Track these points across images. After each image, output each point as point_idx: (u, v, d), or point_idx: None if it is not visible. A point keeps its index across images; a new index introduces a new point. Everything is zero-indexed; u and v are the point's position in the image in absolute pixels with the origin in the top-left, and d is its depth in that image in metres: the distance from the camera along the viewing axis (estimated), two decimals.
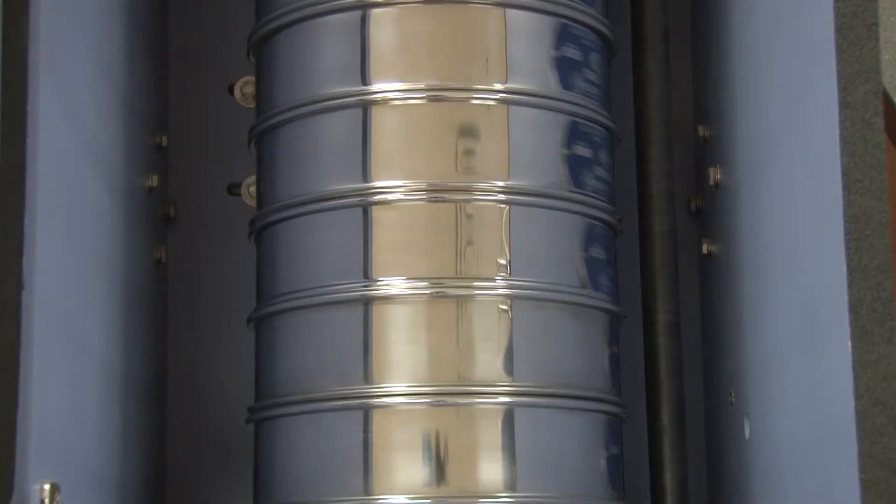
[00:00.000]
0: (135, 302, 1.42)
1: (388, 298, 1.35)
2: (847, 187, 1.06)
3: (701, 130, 1.57)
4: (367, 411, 1.34)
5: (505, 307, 1.36)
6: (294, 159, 1.42)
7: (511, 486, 1.33)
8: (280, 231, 1.42)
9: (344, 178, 1.38)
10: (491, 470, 1.33)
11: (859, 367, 1.04)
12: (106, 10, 1.31)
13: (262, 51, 1.47)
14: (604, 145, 1.46)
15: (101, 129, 1.28)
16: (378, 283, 1.35)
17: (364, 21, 1.39)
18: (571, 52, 1.43)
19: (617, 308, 1.44)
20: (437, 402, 1.34)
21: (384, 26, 1.39)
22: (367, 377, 1.34)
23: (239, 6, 1.60)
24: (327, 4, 1.40)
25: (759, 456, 1.36)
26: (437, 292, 1.35)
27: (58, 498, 1.01)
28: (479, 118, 1.38)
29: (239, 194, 1.52)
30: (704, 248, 1.55)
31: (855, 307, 1.05)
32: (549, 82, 1.41)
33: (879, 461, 1.03)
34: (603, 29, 1.46)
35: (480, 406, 1.34)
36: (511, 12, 1.40)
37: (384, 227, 1.37)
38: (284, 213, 1.41)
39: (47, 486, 1.00)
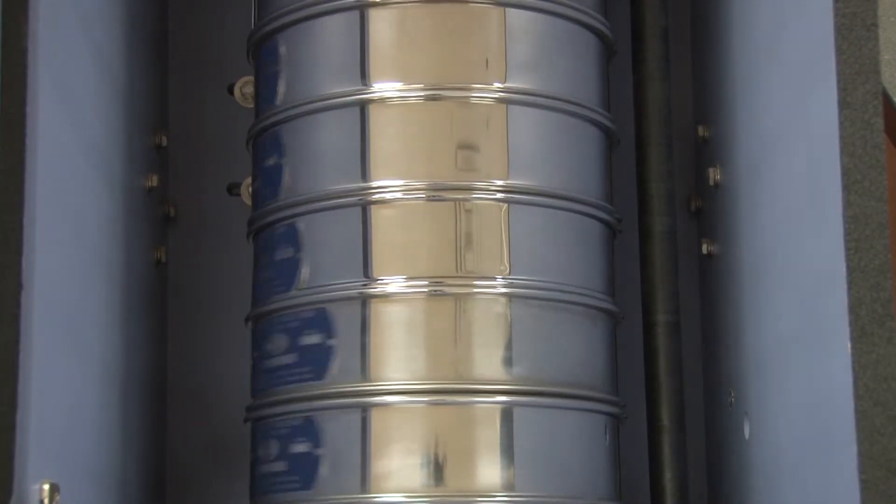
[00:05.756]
0: (135, 302, 1.42)
1: (387, 297, 1.35)
2: (847, 188, 1.06)
3: (701, 130, 1.57)
4: (365, 410, 1.34)
5: (504, 306, 1.36)
6: (293, 159, 1.42)
7: (509, 485, 1.33)
8: (279, 230, 1.42)
9: (343, 177, 1.38)
10: (489, 469, 1.33)
11: (859, 367, 1.04)
12: (106, 10, 1.31)
13: (262, 51, 1.47)
14: (603, 145, 1.46)
15: (101, 129, 1.28)
16: (377, 282, 1.35)
17: (363, 20, 1.39)
18: (570, 52, 1.43)
19: (615, 308, 1.44)
20: (436, 400, 1.34)
21: (383, 26, 1.39)
22: (366, 376, 1.34)
23: (239, 6, 1.60)
24: (327, 4, 1.40)
25: (759, 456, 1.36)
26: (436, 291, 1.35)
27: (57, 498, 1.01)
28: (478, 117, 1.38)
29: (239, 194, 1.52)
30: (704, 248, 1.55)
31: (855, 307, 1.05)
32: (548, 82, 1.41)
33: (879, 462, 1.03)
34: (602, 28, 1.46)
35: (479, 405, 1.34)
36: (510, 12, 1.40)
37: (383, 226, 1.37)
38: (283, 213, 1.41)
39: (47, 487, 1.00)
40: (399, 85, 1.38)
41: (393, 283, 1.35)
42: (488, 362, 1.35)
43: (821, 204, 1.12)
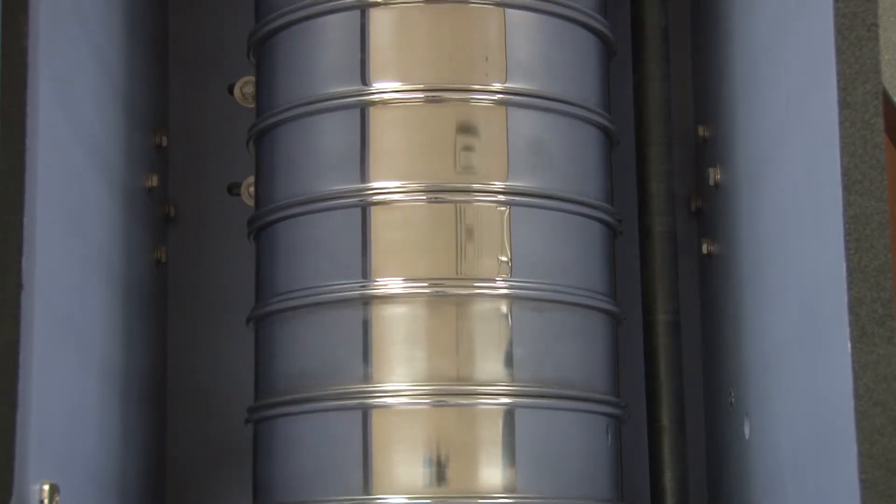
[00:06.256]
0: (135, 302, 1.42)
1: (387, 298, 1.35)
2: (847, 188, 1.06)
3: (701, 130, 1.57)
4: (366, 411, 1.34)
5: (505, 307, 1.36)
6: (293, 159, 1.42)
7: (511, 486, 1.33)
8: (279, 230, 1.42)
9: (343, 178, 1.38)
10: (491, 471, 1.33)
11: (859, 367, 1.04)
12: (106, 10, 1.31)
13: (262, 51, 1.47)
14: (602, 146, 1.46)
15: (101, 129, 1.28)
16: (377, 283, 1.35)
17: (363, 21, 1.39)
18: (570, 53, 1.43)
19: (616, 309, 1.44)
20: (437, 402, 1.34)
21: (383, 26, 1.39)
22: (367, 377, 1.34)
23: (239, 6, 1.60)
24: (327, 4, 1.40)
25: (759, 456, 1.36)
26: (436, 292, 1.35)
27: (57, 498, 1.01)
28: (478, 119, 1.38)
29: (239, 194, 1.52)
30: (704, 248, 1.55)
31: (855, 308, 1.05)
32: (548, 83, 1.41)
33: (879, 462, 1.03)
34: (602, 29, 1.46)
35: (480, 406, 1.34)
36: (510, 13, 1.40)
37: (383, 227, 1.37)
38: (283, 213, 1.41)
39: (47, 487, 1.00)
40: (399, 85, 1.38)
41: (393, 285, 1.35)
42: (489, 364, 1.35)
43: (821, 204, 1.12)
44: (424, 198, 1.36)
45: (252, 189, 1.50)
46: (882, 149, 1.06)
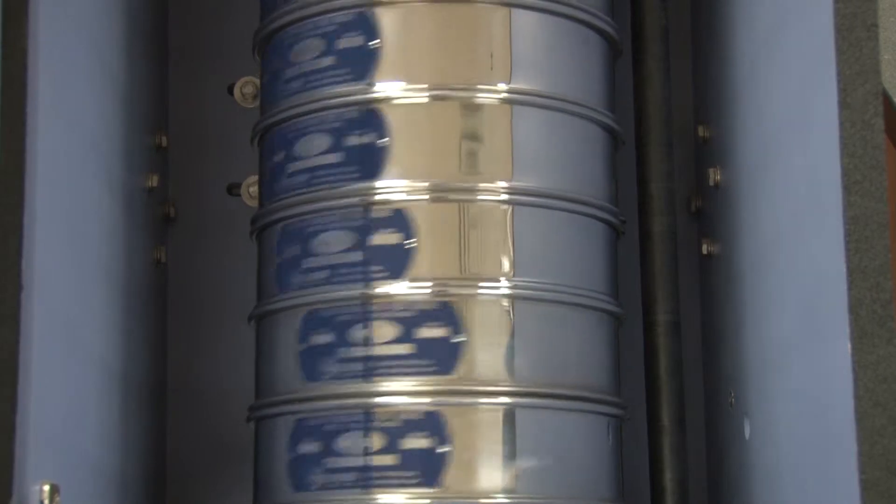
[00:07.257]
0: (135, 302, 1.42)
1: (389, 297, 1.35)
2: (847, 188, 1.06)
3: (701, 130, 1.57)
4: (367, 410, 1.34)
5: (507, 307, 1.36)
6: (297, 157, 1.42)
7: (511, 486, 1.33)
8: (282, 229, 1.42)
9: (347, 176, 1.38)
10: (490, 471, 1.33)
11: (859, 368, 1.04)
12: (105, 10, 1.31)
13: (268, 48, 1.47)
14: (607, 146, 1.46)
15: (100, 129, 1.28)
16: (381, 283, 1.35)
17: (368, 20, 1.39)
18: (575, 53, 1.43)
19: (618, 309, 1.44)
20: (439, 402, 1.33)
21: (388, 25, 1.39)
22: (369, 377, 1.34)
23: (240, 6, 1.60)
24: (332, 3, 1.40)
25: (759, 456, 1.36)
26: (439, 293, 1.35)
27: (57, 498, 1.01)
28: (483, 118, 1.38)
29: (239, 194, 1.52)
30: (704, 248, 1.55)
31: (855, 308, 1.05)
32: (553, 82, 1.40)
33: (879, 462, 1.03)
34: (608, 29, 1.46)
35: (482, 406, 1.34)
36: (515, 12, 1.39)
37: (387, 226, 1.36)
38: (286, 212, 1.41)
39: (47, 487, 1.00)
40: (403, 85, 1.38)
41: (395, 285, 1.35)
42: (491, 364, 1.34)
43: (821, 204, 1.12)
44: (427, 197, 1.36)
45: (252, 189, 1.50)
46: (882, 149, 1.06)
